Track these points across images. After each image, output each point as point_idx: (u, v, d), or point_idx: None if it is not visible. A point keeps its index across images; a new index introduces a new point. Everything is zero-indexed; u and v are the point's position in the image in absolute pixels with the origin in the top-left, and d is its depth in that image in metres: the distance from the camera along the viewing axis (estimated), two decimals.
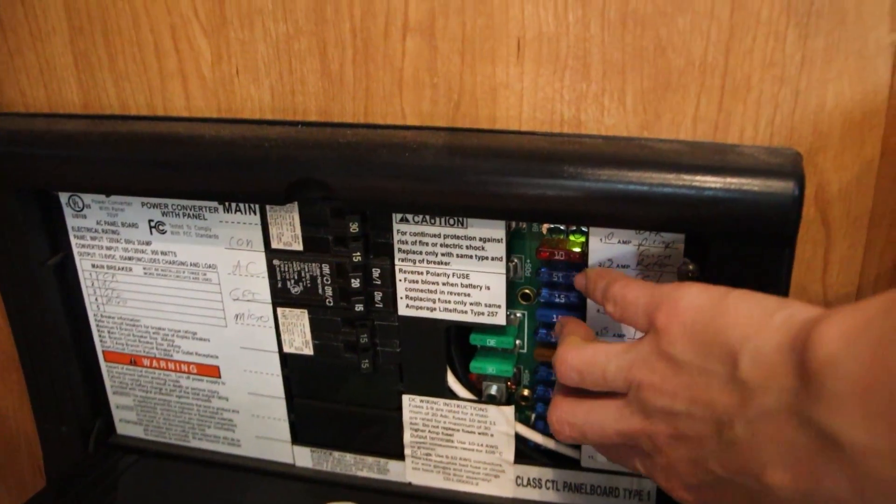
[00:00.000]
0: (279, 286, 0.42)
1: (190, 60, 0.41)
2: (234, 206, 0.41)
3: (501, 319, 0.40)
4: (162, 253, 0.44)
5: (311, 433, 0.46)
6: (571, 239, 0.39)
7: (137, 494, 0.47)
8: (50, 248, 0.46)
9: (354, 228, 0.39)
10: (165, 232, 0.43)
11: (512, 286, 0.40)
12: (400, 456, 0.45)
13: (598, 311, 0.38)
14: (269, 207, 0.41)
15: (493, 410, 0.42)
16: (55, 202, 0.45)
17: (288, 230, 0.41)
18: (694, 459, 0.28)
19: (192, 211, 0.42)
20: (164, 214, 0.43)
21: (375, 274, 0.40)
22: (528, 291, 0.40)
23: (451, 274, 0.39)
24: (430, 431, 0.44)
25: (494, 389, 0.42)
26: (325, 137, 0.37)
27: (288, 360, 0.45)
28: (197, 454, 0.49)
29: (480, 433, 0.43)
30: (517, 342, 0.42)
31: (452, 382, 0.42)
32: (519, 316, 0.41)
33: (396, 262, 0.40)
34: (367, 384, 0.44)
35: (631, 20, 0.34)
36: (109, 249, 0.45)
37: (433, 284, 0.40)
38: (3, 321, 0.51)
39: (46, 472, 0.52)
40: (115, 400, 0.50)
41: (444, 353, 0.42)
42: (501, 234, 0.38)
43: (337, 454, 0.46)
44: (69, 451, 0.50)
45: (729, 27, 0.34)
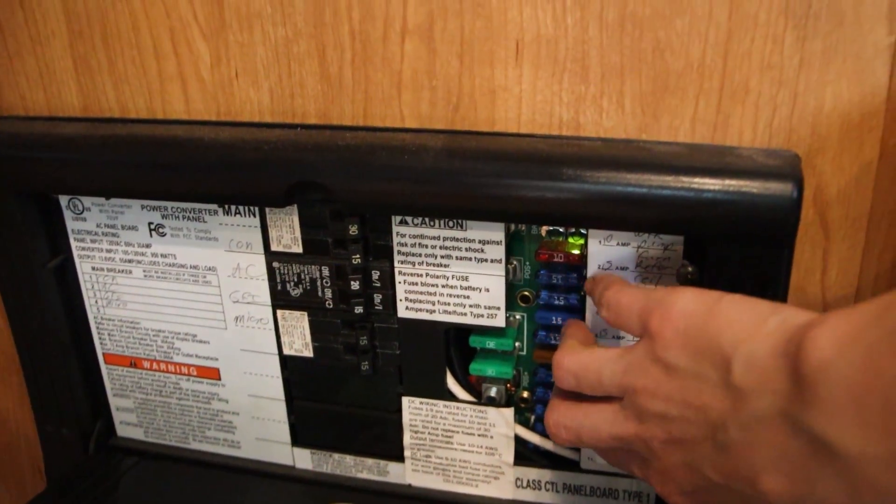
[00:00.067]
0: (279, 288, 0.42)
1: (189, 63, 0.42)
2: (233, 208, 0.41)
3: (501, 321, 0.40)
4: (162, 255, 0.44)
5: (310, 435, 0.47)
6: (570, 241, 0.39)
7: (138, 496, 0.47)
8: (50, 250, 0.46)
9: (354, 231, 0.39)
10: (165, 234, 0.43)
11: (511, 288, 0.40)
12: (400, 458, 0.45)
13: (597, 313, 0.38)
14: (268, 210, 0.41)
15: (492, 412, 0.42)
16: (55, 205, 0.45)
17: (287, 233, 0.41)
18: (688, 464, 0.28)
19: (191, 214, 0.42)
20: (163, 217, 0.43)
21: (375, 276, 0.41)
22: (527, 293, 0.40)
23: (450, 276, 0.39)
24: (429, 433, 0.44)
25: (494, 391, 0.42)
26: (324, 140, 0.37)
27: (288, 362, 0.45)
28: (197, 456, 0.49)
29: (480, 435, 0.43)
30: (516, 344, 0.42)
31: (452, 384, 0.42)
32: (518, 318, 0.41)
33: (396, 264, 0.40)
34: (366, 386, 0.44)
35: (629, 22, 0.34)
36: (109, 252, 0.45)
37: (432, 286, 0.40)
38: (3, 323, 0.51)
39: (47, 473, 0.52)
40: (115, 402, 0.50)
41: (443, 355, 0.42)
42: (501, 236, 0.38)
43: (337, 456, 0.46)
44: (69, 452, 0.50)
45: (727, 29, 0.34)
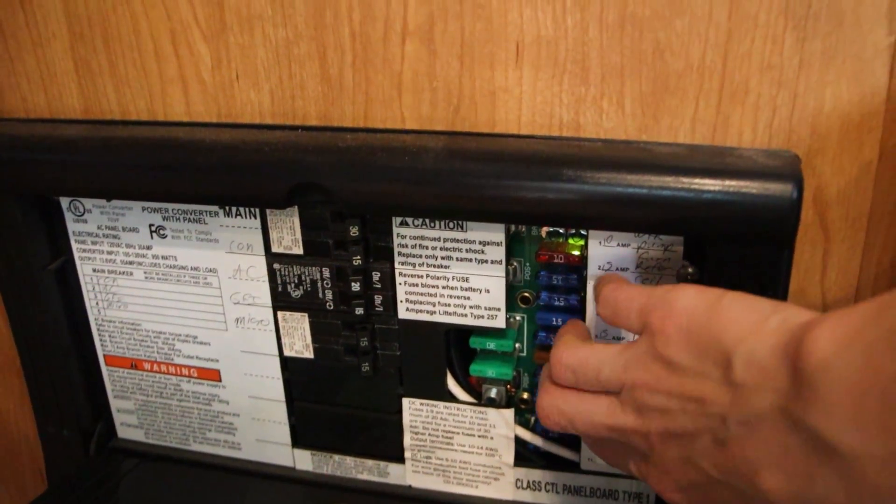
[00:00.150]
0: (279, 290, 0.42)
1: (190, 65, 0.42)
2: (234, 210, 0.41)
3: (501, 323, 0.40)
4: (162, 257, 0.44)
5: (311, 436, 0.47)
6: (570, 242, 0.39)
7: (138, 498, 0.47)
8: (51, 252, 0.46)
9: (354, 232, 0.39)
10: (166, 236, 0.43)
11: (511, 289, 0.40)
12: (400, 459, 0.45)
13: (596, 314, 0.38)
14: (269, 211, 0.41)
15: (492, 413, 0.42)
16: (56, 207, 0.45)
17: (288, 234, 0.41)
18: (686, 459, 0.29)
19: (192, 215, 0.42)
20: (164, 219, 0.43)
21: (375, 277, 0.41)
22: (527, 295, 0.40)
23: (450, 277, 0.40)
24: (429, 434, 0.44)
25: (494, 392, 0.42)
26: (324, 141, 0.37)
27: (288, 363, 0.45)
28: (198, 457, 0.49)
29: (480, 436, 0.43)
30: (517, 345, 0.42)
31: (452, 385, 0.42)
32: (518, 319, 0.41)
33: (396, 265, 0.40)
34: (367, 387, 0.44)
35: (629, 23, 0.35)
36: (110, 254, 0.45)
37: (433, 288, 0.40)
38: (4, 325, 0.51)
39: (47, 475, 0.52)
40: (115, 403, 0.50)
41: (443, 356, 0.42)
42: (501, 237, 0.38)
43: (337, 457, 0.46)
44: (70, 454, 0.50)
45: (727, 30, 0.34)
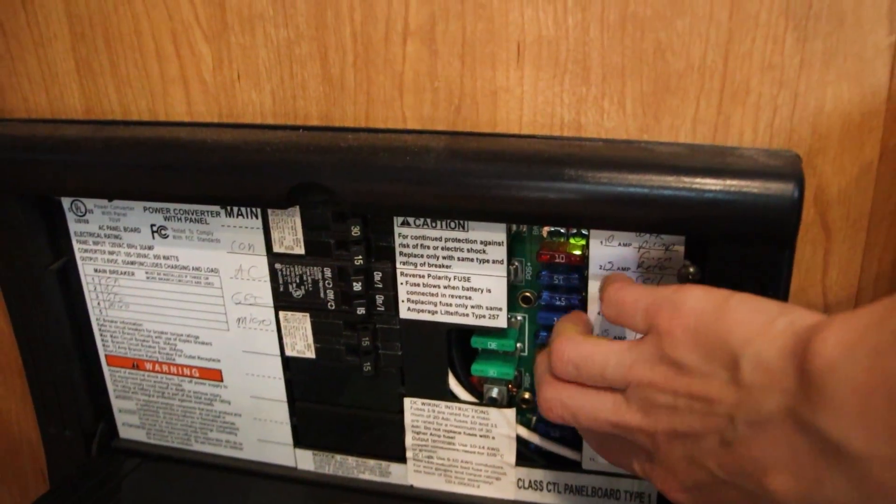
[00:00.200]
0: (281, 290, 0.42)
1: (191, 66, 0.42)
2: (235, 210, 0.41)
3: (502, 322, 0.40)
4: (164, 257, 0.44)
5: (312, 436, 0.47)
6: (572, 242, 0.39)
7: (140, 498, 0.47)
8: (52, 252, 0.46)
9: (356, 232, 0.39)
10: (167, 236, 0.43)
11: (513, 289, 0.40)
12: (402, 459, 0.45)
13: (598, 313, 0.38)
14: (270, 211, 0.41)
15: (494, 413, 0.42)
16: (58, 207, 0.45)
17: (290, 234, 0.41)
18: (692, 458, 0.29)
19: (193, 215, 0.42)
20: (166, 219, 0.43)
21: (377, 277, 0.41)
22: (528, 294, 0.40)
23: (452, 277, 0.40)
24: (431, 434, 0.44)
25: (496, 392, 0.42)
26: (326, 141, 0.37)
27: (290, 363, 0.45)
28: (199, 457, 0.49)
29: (482, 436, 0.43)
30: (518, 345, 0.42)
31: (454, 385, 0.42)
32: (520, 319, 0.41)
33: (398, 265, 0.40)
34: (368, 387, 0.44)
35: (630, 23, 0.35)
36: (112, 254, 0.45)
37: (434, 287, 0.40)
38: (6, 325, 0.51)
39: (49, 475, 0.52)
40: (117, 404, 0.50)
41: (445, 355, 0.42)
42: (502, 237, 0.38)
43: (339, 457, 0.46)
44: (72, 454, 0.50)
45: (728, 30, 0.34)
